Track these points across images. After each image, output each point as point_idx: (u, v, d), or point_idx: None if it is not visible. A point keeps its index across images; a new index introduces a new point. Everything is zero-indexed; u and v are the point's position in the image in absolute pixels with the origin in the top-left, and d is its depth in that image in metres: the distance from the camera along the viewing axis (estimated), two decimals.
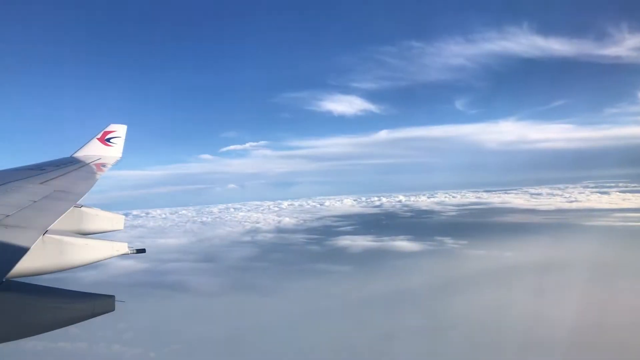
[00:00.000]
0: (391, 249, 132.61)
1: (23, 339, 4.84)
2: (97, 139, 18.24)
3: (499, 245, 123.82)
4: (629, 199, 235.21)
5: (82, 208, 9.60)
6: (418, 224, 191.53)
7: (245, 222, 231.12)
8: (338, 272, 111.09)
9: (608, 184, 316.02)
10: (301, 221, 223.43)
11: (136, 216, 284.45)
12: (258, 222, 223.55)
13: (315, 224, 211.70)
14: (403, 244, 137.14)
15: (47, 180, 10.74)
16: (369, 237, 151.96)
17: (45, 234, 6.31)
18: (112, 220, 10.36)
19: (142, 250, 8.08)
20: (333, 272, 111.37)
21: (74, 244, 6.74)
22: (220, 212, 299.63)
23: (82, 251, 6.89)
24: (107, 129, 18.74)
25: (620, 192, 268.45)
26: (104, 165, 15.48)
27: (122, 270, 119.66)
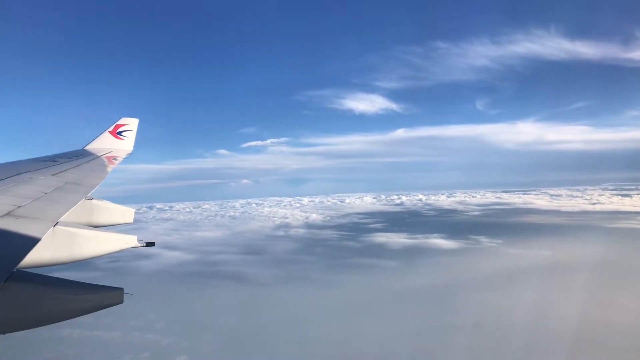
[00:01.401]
0: (430, 246, 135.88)
1: (46, 327, 5.31)
2: (109, 132, 18.54)
3: (536, 245, 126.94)
4: None
5: (93, 200, 9.90)
6: (446, 222, 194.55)
7: (273, 217, 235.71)
8: (387, 267, 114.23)
9: (628, 187, 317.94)
10: (328, 217, 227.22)
11: (161, 209, 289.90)
12: (286, 218, 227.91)
13: (343, 220, 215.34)
14: (440, 242, 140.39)
15: (59, 172, 10.88)
16: (402, 235, 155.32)
17: (56, 226, 6.46)
18: (123, 213, 10.61)
19: (152, 244, 8.12)
20: (382, 267, 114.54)
21: (84, 236, 6.92)
22: (242, 207, 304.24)
23: (92, 243, 7.04)
24: (119, 122, 19.03)
25: None
26: (115, 158, 15.73)
27: (173, 260, 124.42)
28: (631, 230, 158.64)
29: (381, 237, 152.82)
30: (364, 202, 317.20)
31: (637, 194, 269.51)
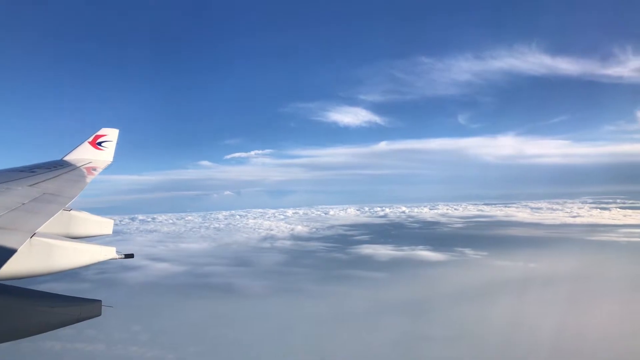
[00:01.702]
0: (417, 258, 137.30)
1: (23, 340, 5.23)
2: (89, 142, 18.22)
3: (521, 257, 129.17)
4: (629, 215, 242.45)
5: (72, 211, 9.78)
6: (430, 234, 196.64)
7: (258, 229, 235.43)
8: (378, 279, 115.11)
9: (606, 200, 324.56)
10: (313, 229, 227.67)
11: (143, 221, 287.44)
12: (271, 229, 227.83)
13: (328, 232, 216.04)
14: (426, 254, 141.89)
15: (37, 183, 10.70)
16: (389, 247, 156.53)
17: (33, 237, 6.31)
18: (102, 225, 10.47)
19: (131, 256, 7.94)
20: (373, 278, 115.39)
21: (62, 247, 6.75)
22: (226, 218, 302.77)
23: (70, 254, 6.86)
24: (99, 133, 18.72)
25: (620, 208, 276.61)
26: (94, 169, 15.43)
27: (161, 272, 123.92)
28: (611, 243, 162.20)
29: (368, 249, 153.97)
30: (348, 214, 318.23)
31: (615, 207, 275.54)
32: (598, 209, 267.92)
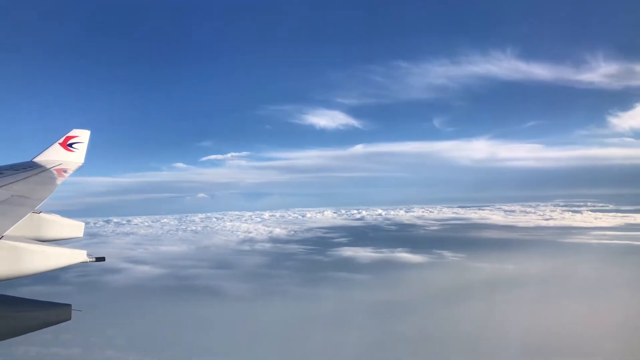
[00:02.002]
0: (398, 260, 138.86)
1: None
2: (59, 143, 17.88)
3: (498, 259, 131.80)
4: (600, 218, 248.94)
5: (41, 214, 9.59)
6: (408, 237, 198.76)
7: (236, 231, 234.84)
8: (361, 280, 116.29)
9: (577, 203, 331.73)
10: (292, 232, 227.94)
11: (118, 223, 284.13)
12: (250, 232, 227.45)
13: (307, 234, 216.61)
14: (406, 255, 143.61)
15: (5, 185, 10.51)
16: (369, 249, 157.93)
17: (1, 240, 6.21)
18: (72, 228, 10.28)
19: (102, 259, 7.73)
20: (356, 280, 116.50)
21: (31, 251, 6.61)
22: (203, 221, 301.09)
23: (39, 258, 6.69)
24: (70, 134, 18.39)
25: (591, 211, 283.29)
26: (65, 170, 15.14)
27: (143, 274, 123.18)
28: (584, 245, 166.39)
29: (348, 251, 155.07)
30: (325, 216, 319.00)
31: (586, 210, 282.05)
32: (570, 212, 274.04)
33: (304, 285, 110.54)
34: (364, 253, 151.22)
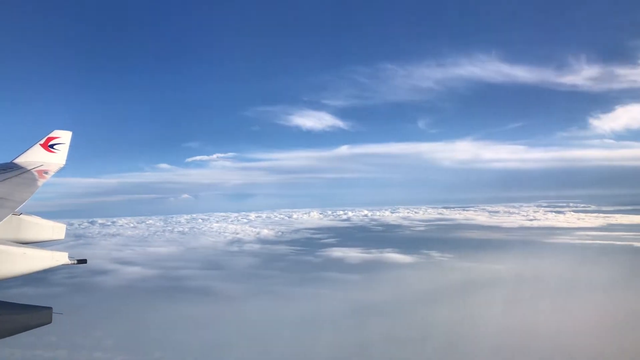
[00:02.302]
0: (387, 260, 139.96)
1: None
2: (40, 144, 17.66)
3: (486, 259, 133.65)
4: (583, 219, 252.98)
5: (22, 216, 9.51)
6: (395, 237, 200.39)
7: (223, 232, 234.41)
8: (352, 281, 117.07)
9: (560, 204, 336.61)
10: (279, 233, 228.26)
11: (103, 225, 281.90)
12: (237, 233, 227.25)
13: (295, 235, 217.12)
14: (395, 256, 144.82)
15: None
16: (357, 250, 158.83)
17: None
18: (53, 229, 10.17)
19: (84, 261, 7.63)
20: (347, 280, 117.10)
21: (11, 253, 6.52)
22: (189, 222, 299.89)
23: (20, 260, 6.61)
24: (51, 135, 18.15)
25: (573, 212, 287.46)
26: (46, 172, 15.06)
27: (134, 275, 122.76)
28: (568, 245, 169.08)
29: (337, 252, 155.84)
30: (312, 217, 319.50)
31: (569, 211, 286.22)
32: (553, 213, 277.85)
33: (295, 286, 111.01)
34: (353, 253, 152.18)
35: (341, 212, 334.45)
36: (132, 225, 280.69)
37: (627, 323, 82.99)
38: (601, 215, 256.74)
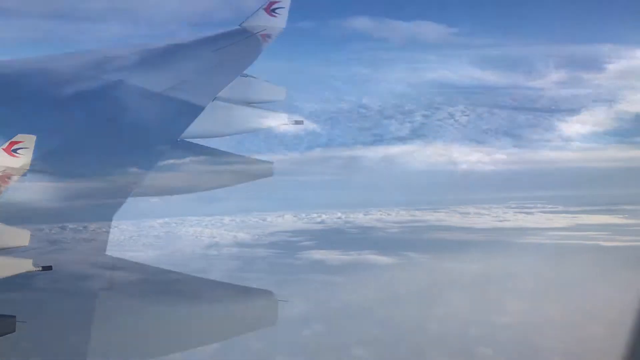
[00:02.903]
0: (368, 261, 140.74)
1: None
2: (2, 149, 17.14)
3: (463, 259, 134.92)
4: (551, 219, 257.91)
5: None
6: (371, 239, 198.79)
7: (199, 236, 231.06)
8: (338, 282, 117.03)
9: (529, 205, 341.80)
10: (256, 236, 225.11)
11: (75, 229, 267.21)
12: (214, 237, 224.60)
13: (272, 238, 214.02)
14: (375, 257, 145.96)
15: None
16: (336, 252, 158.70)
17: None
18: (16, 235, 10.03)
19: (49, 268, 7.27)
20: (333, 282, 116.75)
21: None
22: (162, 227, 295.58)
23: None
24: (14, 139, 17.55)
25: (542, 212, 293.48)
26: (9, 177, 15.34)
27: (116, 280, 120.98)
28: (540, 244, 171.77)
29: (317, 254, 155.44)
30: (286, 220, 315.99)
31: (538, 212, 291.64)
32: (523, 214, 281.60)
33: (281, 288, 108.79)
34: (333, 255, 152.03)
35: (315, 215, 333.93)
36: (104, 229, 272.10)
37: (599, 319, 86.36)
38: (569, 215, 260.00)
